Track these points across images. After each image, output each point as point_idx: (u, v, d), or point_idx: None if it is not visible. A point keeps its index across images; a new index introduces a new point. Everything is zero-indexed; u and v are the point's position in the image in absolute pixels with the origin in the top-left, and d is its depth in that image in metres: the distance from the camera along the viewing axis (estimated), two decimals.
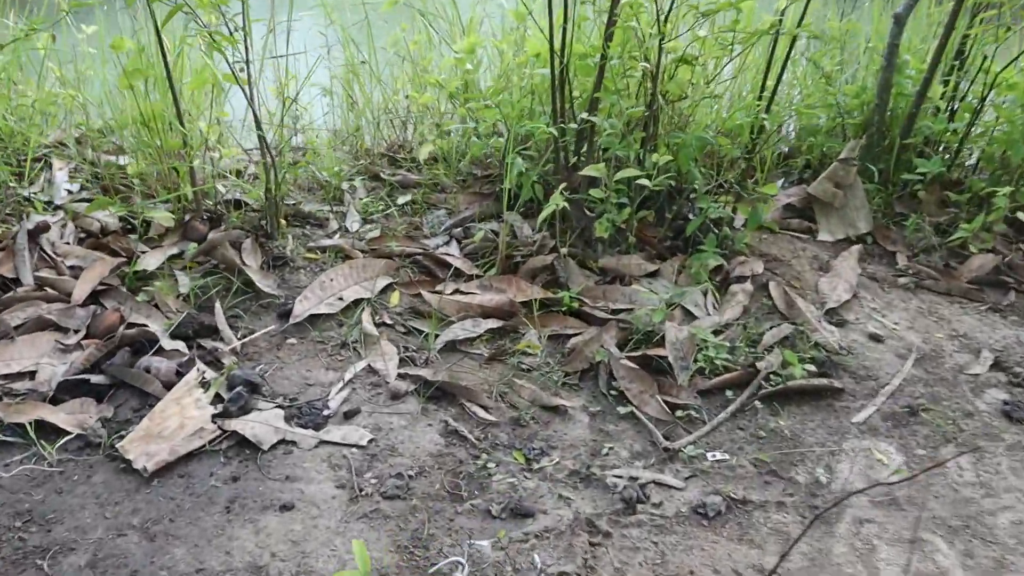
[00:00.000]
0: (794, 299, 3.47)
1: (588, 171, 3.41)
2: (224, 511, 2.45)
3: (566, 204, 3.48)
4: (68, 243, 3.72)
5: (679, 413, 2.89)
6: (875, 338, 3.36)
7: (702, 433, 2.80)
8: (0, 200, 3.82)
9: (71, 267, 3.53)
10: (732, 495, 2.55)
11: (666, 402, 2.91)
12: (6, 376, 2.95)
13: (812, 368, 3.08)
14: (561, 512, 2.48)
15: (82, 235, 3.81)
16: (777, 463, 2.70)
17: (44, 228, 3.62)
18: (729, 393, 2.99)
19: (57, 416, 2.79)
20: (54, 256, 3.60)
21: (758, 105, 3.92)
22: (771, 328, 3.31)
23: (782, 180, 4.62)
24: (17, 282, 3.42)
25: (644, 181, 3.37)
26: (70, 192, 4.17)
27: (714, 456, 2.71)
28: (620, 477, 2.60)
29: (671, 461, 2.70)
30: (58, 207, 4.02)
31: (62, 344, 3.11)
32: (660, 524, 2.45)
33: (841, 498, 1.64)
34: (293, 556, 2.30)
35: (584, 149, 3.75)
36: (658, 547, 2.37)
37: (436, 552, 2.32)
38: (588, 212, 3.69)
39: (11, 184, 3.99)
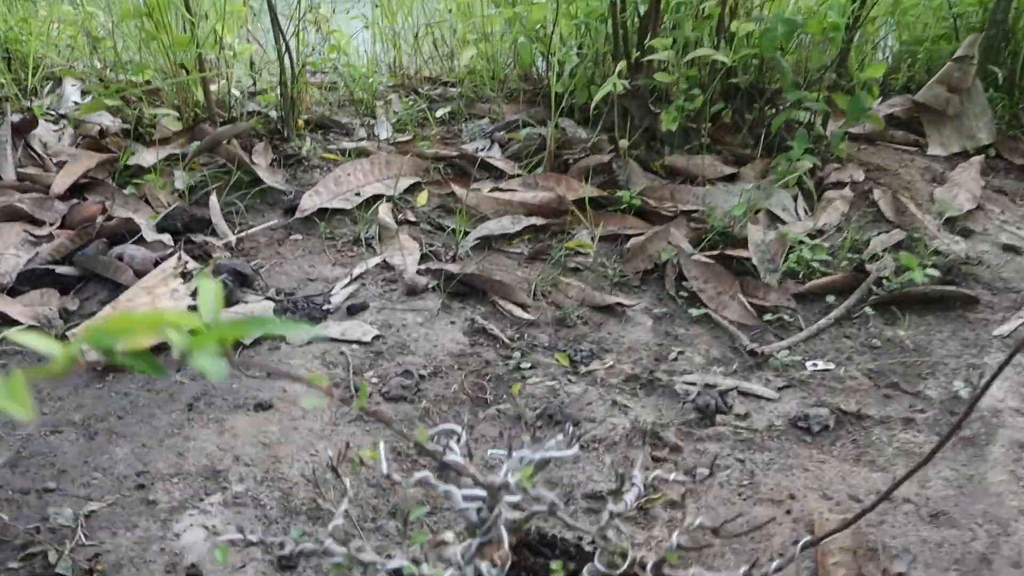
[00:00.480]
0: (906, 205, 2.83)
1: (655, 47, 2.84)
2: (185, 409, 1.94)
3: (626, 92, 2.91)
4: (64, 146, 3.30)
5: (767, 317, 2.29)
6: (1011, 249, 2.70)
7: (799, 339, 2.19)
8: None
9: (59, 163, 3.09)
10: (843, 408, 1.94)
11: (752, 304, 2.30)
12: None
13: (935, 274, 2.43)
14: (615, 420, 1.90)
15: (80, 139, 3.38)
16: (900, 376, 2.07)
17: (31, 123, 3.19)
18: (831, 299, 2.37)
19: (12, 307, 2.33)
20: (43, 155, 3.17)
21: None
22: (879, 234, 2.68)
23: (880, 99, 3.95)
24: None
25: (721, 56, 2.78)
26: (77, 104, 3.76)
27: (815, 365, 2.10)
28: (692, 384, 2.01)
29: (759, 369, 2.09)
30: (62, 116, 3.61)
31: (32, 236, 2.65)
32: (747, 439, 1.85)
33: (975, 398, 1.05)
34: (261, 461, 1.78)
35: (648, 39, 3.16)
36: (745, 465, 1.78)
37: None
38: (652, 109, 3.10)
39: (16, 93, 3.59)
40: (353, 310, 2.27)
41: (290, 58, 3.16)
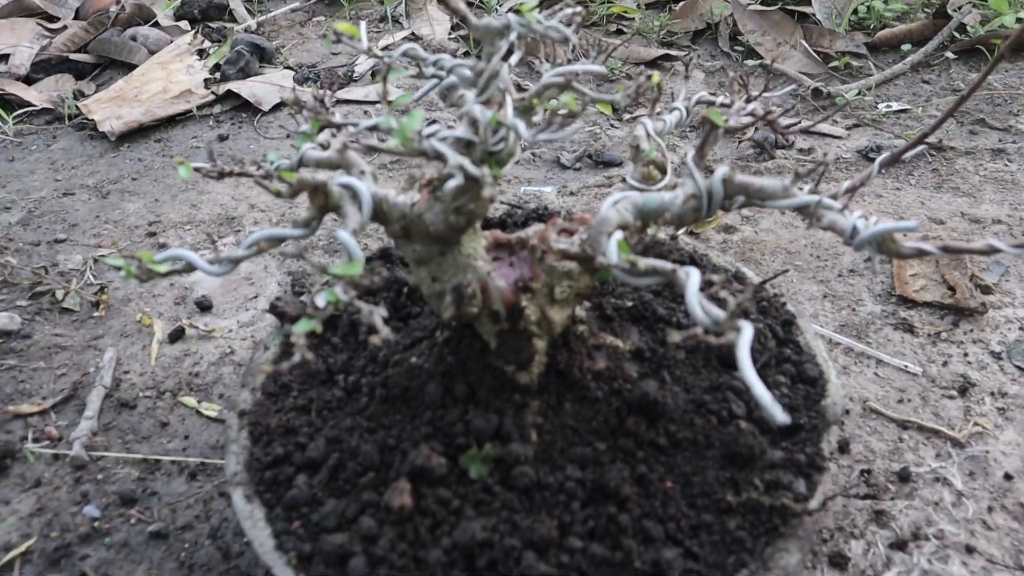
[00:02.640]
0: None
1: None
2: None
3: None
4: None
5: (834, 64, 2.04)
6: None
7: (871, 83, 1.95)
8: None
9: None
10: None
11: (817, 52, 2.06)
12: None
13: None
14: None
15: None
16: (987, 113, 1.83)
17: None
18: (906, 47, 2.10)
19: (28, 93, 2.21)
20: None
21: None
22: None
23: None
24: None
25: None
26: None
27: (889, 106, 1.87)
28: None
29: (824, 111, 1.87)
30: None
31: (46, 29, 2.52)
32: (812, 169, 1.65)
33: None
34: (277, 206, 1.65)
35: None
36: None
37: None
38: None
39: None
40: (377, 75, 2.10)
41: None
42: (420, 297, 1.03)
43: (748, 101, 0.93)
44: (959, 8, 2.20)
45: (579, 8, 0.85)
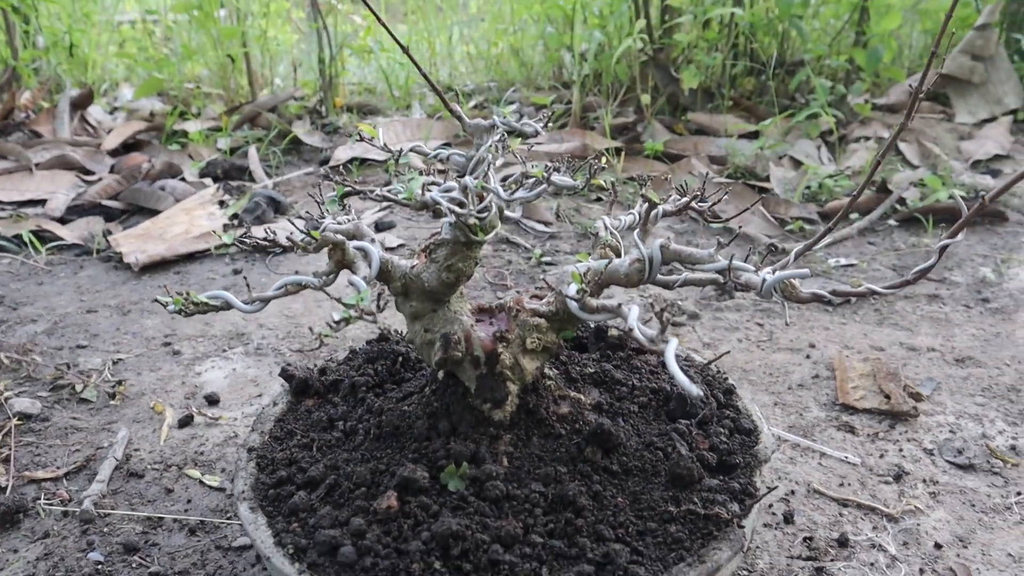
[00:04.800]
0: (931, 149, 2.83)
1: (673, 5, 2.93)
2: None
3: (649, 59, 3.00)
4: (117, 123, 3.48)
5: (790, 227, 2.29)
6: None
7: (822, 244, 2.18)
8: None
9: (110, 131, 3.26)
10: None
11: (774, 217, 2.32)
12: (17, 203, 2.64)
13: (961, 194, 2.42)
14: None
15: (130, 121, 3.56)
16: None
17: (86, 98, 3.37)
18: (854, 216, 2.37)
19: (61, 230, 2.43)
20: (96, 127, 3.35)
21: None
22: (904, 172, 2.68)
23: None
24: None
25: (737, 10, 2.86)
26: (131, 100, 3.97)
27: (838, 261, 2.09)
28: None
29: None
30: (116, 108, 3.82)
31: (83, 181, 2.78)
32: (767, 308, 1.85)
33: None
34: (283, 325, 1.82)
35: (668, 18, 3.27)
36: (764, 328, 1.77)
37: None
38: (674, 75, 3.18)
39: (76, 77, 3.81)
40: (381, 227, 2.34)
41: (328, 35, 3.32)
42: (412, 365, 1.18)
43: (682, 196, 1.13)
44: (900, 186, 2.49)
45: (547, 109, 1.07)
